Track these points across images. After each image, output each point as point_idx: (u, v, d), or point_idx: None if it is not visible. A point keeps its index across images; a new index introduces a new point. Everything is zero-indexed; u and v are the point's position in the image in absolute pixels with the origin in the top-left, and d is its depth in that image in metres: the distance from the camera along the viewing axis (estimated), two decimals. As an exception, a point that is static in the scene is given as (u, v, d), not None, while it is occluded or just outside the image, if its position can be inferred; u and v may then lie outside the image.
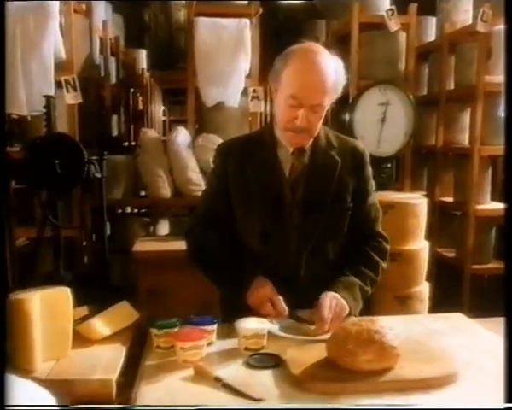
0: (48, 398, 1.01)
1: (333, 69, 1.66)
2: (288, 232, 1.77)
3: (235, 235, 1.84)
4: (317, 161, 1.77)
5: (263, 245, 1.78)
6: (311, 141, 1.77)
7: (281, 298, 1.64)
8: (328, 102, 1.68)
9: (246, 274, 1.71)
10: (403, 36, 3.82)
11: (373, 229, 1.87)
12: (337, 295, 1.65)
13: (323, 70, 1.63)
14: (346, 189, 1.78)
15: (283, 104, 1.67)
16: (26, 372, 1.36)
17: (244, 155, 1.79)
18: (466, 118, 4.16)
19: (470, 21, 4.30)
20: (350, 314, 1.67)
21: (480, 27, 3.58)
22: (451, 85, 4.21)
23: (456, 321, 1.80)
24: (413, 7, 3.78)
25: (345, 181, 1.77)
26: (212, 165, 1.94)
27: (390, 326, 1.38)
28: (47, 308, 1.46)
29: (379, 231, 1.88)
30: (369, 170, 1.85)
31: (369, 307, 1.97)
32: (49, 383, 1.22)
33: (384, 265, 1.85)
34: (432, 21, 4.83)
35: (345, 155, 1.79)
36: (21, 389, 1.08)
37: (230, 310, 1.73)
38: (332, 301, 1.63)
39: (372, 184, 1.87)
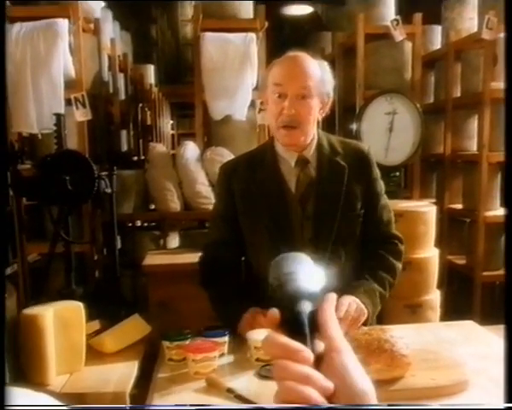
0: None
1: (316, 64, 1.69)
2: (302, 248, 1.75)
3: (247, 262, 1.85)
4: (323, 171, 1.73)
5: None
6: (314, 149, 1.75)
7: None
8: (314, 92, 1.65)
9: (245, 305, 1.70)
10: (408, 45, 3.83)
11: (387, 231, 1.85)
12: (357, 300, 1.64)
13: (305, 60, 1.67)
14: (355, 194, 1.75)
15: (271, 100, 1.68)
16: (40, 386, 1.38)
17: (248, 175, 1.77)
18: (473, 125, 4.15)
19: (475, 29, 4.30)
20: (368, 320, 1.66)
21: (486, 35, 3.58)
22: (458, 93, 4.21)
23: (468, 329, 1.80)
24: (418, 16, 3.80)
25: (354, 186, 1.75)
26: (216, 187, 1.93)
27: (400, 335, 1.39)
28: (60, 323, 1.48)
29: (393, 233, 1.86)
30: (377, 171, 1.82)
31: (380, 317, 1.97)
32: (63, 397, 1.24)
33: (400, 266, 1.84)
34: (437, 30, 4.85)
35: (350, 159, 1.76)
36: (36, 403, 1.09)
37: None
38: (352, 304, 1.61)
39: (381, 185, 1.84)
